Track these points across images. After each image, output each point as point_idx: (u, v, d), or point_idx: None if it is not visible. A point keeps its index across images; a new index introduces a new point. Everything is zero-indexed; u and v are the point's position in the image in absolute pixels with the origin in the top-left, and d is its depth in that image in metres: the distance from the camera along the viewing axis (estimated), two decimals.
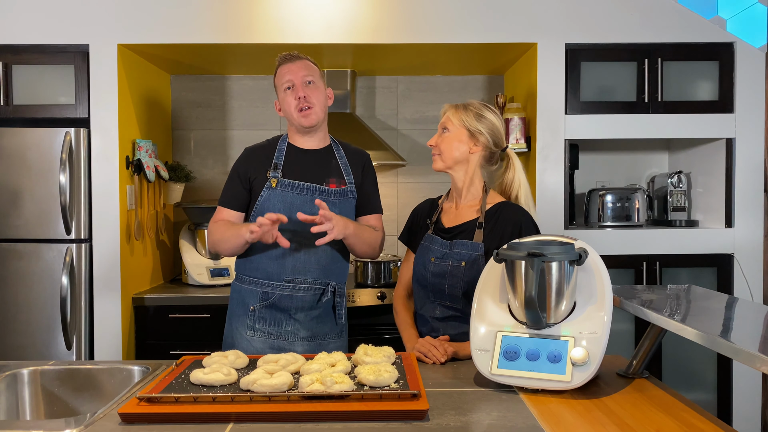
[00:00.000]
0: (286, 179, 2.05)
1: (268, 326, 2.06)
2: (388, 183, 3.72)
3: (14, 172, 2.82)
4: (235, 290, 2.14)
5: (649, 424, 1.29)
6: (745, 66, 2.94)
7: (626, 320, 2.93)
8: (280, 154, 2.10)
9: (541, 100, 2.95)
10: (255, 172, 2.08)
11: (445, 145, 1.90)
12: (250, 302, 2.07)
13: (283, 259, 2.03)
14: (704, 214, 3.19)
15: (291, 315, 2.06)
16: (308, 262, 2.05)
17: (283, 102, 2.09)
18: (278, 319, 2.06)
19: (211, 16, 2.88)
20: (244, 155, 2.15)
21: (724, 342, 1.20)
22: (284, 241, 1.90)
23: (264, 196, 2.05)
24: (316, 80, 2.08)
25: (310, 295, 2.06)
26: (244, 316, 2.07)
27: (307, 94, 2.04)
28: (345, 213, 2.08)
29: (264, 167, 2.08)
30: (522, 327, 1.53)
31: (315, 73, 2.10)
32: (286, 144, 2.13)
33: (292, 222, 1.96)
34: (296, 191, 2.05)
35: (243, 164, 2.12)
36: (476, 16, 2.92)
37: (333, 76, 3.53)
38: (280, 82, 2.09)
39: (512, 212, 1.89)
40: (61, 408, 1.68)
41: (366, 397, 1.34)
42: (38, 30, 2.87)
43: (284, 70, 2.09)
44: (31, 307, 2.83)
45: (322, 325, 2.10)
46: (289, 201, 2.03)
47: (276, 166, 2.07)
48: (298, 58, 2.11)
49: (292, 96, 2.05)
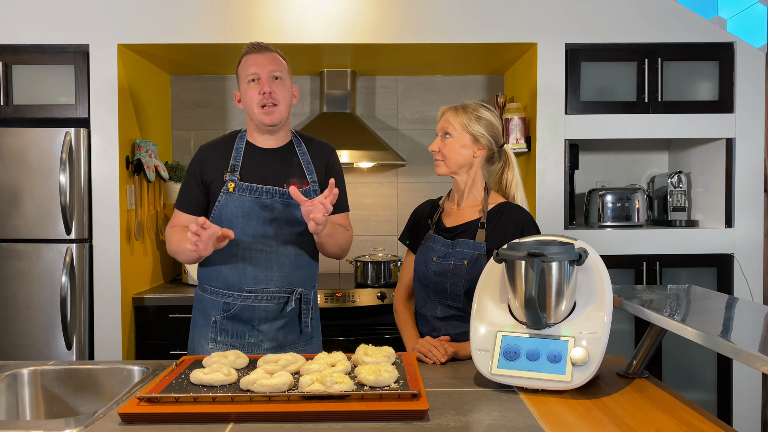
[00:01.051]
0: (244, 183, 1.92)
1: (229, 338, 1.94)
2: (388, 183, 3.72)
3: (14, 172, 2.82)
4: (198, 299, 2.03)
5: (649, 424, 1.29)
6: (745, 66, 2.94)
7: (626, 320, 2.93)
8: (237, 154, 1.97)
9: (541, 100, 2.95)
10: (211, 174, 1.95)
11: (448, 151, 1.89)
12: (211, 313, 1.96)
13: (243, 268, 1.92)
14: (704, 214, 3.19)
15: (254, 326, 1.94)
16: (270, 270, 1.93)
17: (245, 95, 1.94)
18: (240, 330, 1.94)
19: (211, 16, 2.88)
20: (199, 154, 2.00)
21: (724, 342, 1.20)
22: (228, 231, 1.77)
23: (221, 202, 1.93)
24: (283, 76, 1.94)
25: (274, 305, 1.95)
26: (205, 327, 1.97)
27: (273, 89, 1.90)
28: None
29: (220, 168, 1.95)
30: (522, 327, 1.53)
31: (283, 68, 1.96)
32: (244, 142, 2.00)
33: (252, 227, 1.90)
34: (255, 195, 1.92)
35: (198, 165, 1.98)
36: (476, 16, 2.92)
37: (333, 76, 3.53)
38: (245, 73, 1.94)
39: (514, 212, 1.90)
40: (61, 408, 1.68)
41: (366, 397, 1.34)
42: (38, 30, 2.87)
43: (250, 60, 1.93)
44: (31, 307, 2.83)
45: (288, 334, 1.98)
46: (248, 206, 1.92)
47: (233, 168, 1.94)
48: (267, 50, 1.95)
49: (255, 89, 1.91)
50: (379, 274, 3.18)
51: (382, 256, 3.26)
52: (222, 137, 2.05)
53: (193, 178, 1.98)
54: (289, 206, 1.94)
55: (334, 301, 2.99)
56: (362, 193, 3.71)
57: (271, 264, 1.93)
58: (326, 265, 3.69)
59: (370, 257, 3.25)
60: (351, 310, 2.99)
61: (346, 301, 2.99)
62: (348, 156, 3.30)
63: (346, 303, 2.99)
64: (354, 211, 3.71)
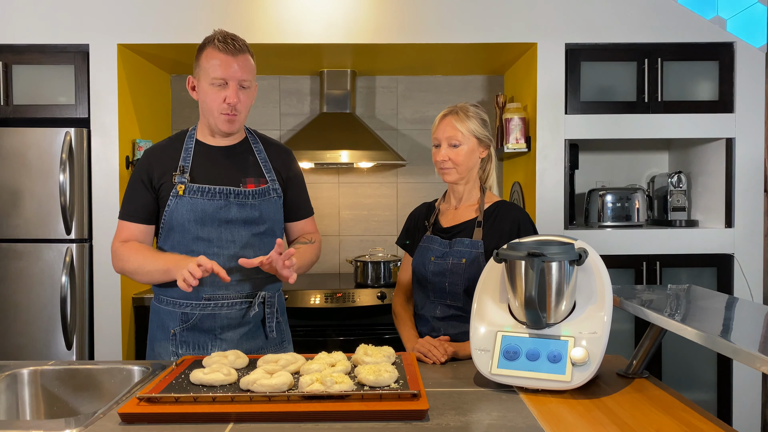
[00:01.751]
0: (194, 184, 1.80)
1: (191, 350, 1.82)
2: (388, 183, 3.72)
3: (14, 172, 2.82)
4: (154, 311, 1.90)
5: (649, 424, 1.29)
6: (745, 66, 2.94)
7: (626, 320, 2.93)
8: (187, 155, 1.83)
9: (541, 100, 2.95)
10: (160, 177, 1.81)
11: (461, 159, 1.89)
12: (170, 325, 1.83)
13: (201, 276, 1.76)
14: (704, 214, 3.19)
15: (216, 335, 1.82)
16: (229, 275, 1.76)
17: (206, 94, 1.78)
18: (202, 341, 1.82)
19: (211, 16, 2.88)
20: (146, 158, 1.86)
21: (724, 342, 1.20)
22: (224, 275, 1.63)
23: (171, 206, 1.79)
24: (251, 82, 1.81)
25: (236, 311, 1.83)
26: (165, 341, 1.84)
27: (240, 99, 1.78)
28: (268, 215, 1.87)
29: (169, 170, 1.81)
30: (522, 327, 1.53)
31: (252, 73, 1.81)
32: (193, 141, 1.86)
33: (206, 232, 1.79)
34: (207, 197, 1.80)
35: (145, 168, 1.83)
36: (476, 16, 2.92)
37: (333, 76, 3.53)
38: (210, 72, 1.76)
39: (510, 210, 1.91)
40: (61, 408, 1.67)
41: (366, 397, 1.34)
42: (38, 30, 2.87)
43: (219, 60, 1.75)
44: (31, 307, 2.83)
45: (254, 341, 1.87)
46: (200, 209, 1.79)
47: (182, 170, 1.81)
48: (240, 52, 1.77)
49: (220, 95, 1.76)
50: (379, 274, 3.18)
51: (382, 256, 3.26)
52: (168, 138, 1.91)
53: (140, 183, 1.82)
54: (244, 207, 1.82)
55: (334, 301, 2.99)
56: (362, 193, 3.71)
57: (230, 269, 1.78)
58: (326, 265, 3.70)
59: (370, 257, 3.25)
60: (351, 310, 2.99)
61: (346, 301, 2.99)
62: (348, 156, 3.30)
63: (346, 303, 2.99)
64: (354, 211, 3.72)
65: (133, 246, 1.81)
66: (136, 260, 1.78)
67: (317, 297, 2.99)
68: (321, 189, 3.68)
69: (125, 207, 1.85)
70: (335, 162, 3.31)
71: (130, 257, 1.78)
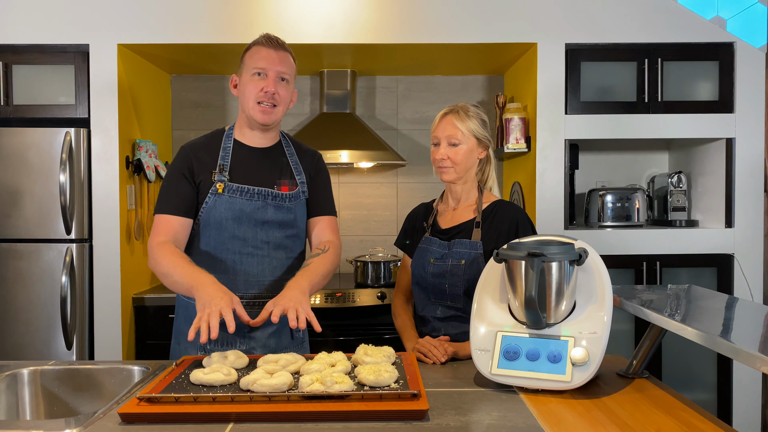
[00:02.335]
0: (234, 183, 1.82)
1: (220, 347, 1.81)
2: (388, 183, 3.72)
3: (14, 172, 2.82)
4: (182, 306, 1.90)
5: (649, 424, 1.29)
6: (745, 66, 2.94)
7: (626, 320, 2.93)
8: (225, 154, 1.86)
9: (541, 100, 2.95)
10: (199, 173, 1.83)
11: (460, 158, 1.89)
12: None
13: (234, 274, 1.82)
14: (704, 214, 3.19)
15: (245, 334, 1.83)
16: (261, 275, 1.84)
17: (245, 85, 1.83)
18: (231, 339, 1.81)
19: (211, 16, 2.88)
20: (185, 154, 1.86)
21: (724, 342, 1.20)
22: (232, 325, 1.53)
23: (209, 203, 1.81)
24: (290, 79, 1.86)
25: None
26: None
27: (277, 90, 1.81)
28: (300, 218, 1.91)
29: (209, 168, 1.84)
30: (522, 327, 1.53)
31: (292, 71, 1.87)
32: (232, 141, 1.90)
33: (242, 229, 1.82)
34: (246, 197, 1.82)
35: (185, 162, 1.84)
36: (476, 16, 2.92)
37: (333, 76, 3.53)
38: (252, 64, 1.82)
39: (508, 210, 1.91)
40: (61, 408, 1.67)
41: (366, 397, 1.34)
42: (38, 30, 2.87)
43: (262, 53, 1.82)
44: (31, 307, 2.83)
45: (278, 339, 1.89)
46: (238, 208, 1.82)
47: (222, 168, 1.83)
48: (282, 48, 1.84)
49: (258, 84, 1.81)
50: (379, 274, 3.18)
51: (382, 256, 3.26)
52: (205, 136, 1.93)
53: (181, 177, 1.82)
54: (280, 209, 1.86)
55: (334, 301, 2.99)
56: (362, 193, 3.72)
57: (263, 268, 1.84)
58: None
59: (370, 257, 3.25)
60: (351, 310, 2.99)
61: (346, 301, 2.99)
62: (348, 156, 3.30)
63: (346, 303, 2.99)
64: (354, 211, 3.71)
65: (168, 249, 1.74)
66: (166, 265, 1.71)
67: (317, 297, 2.99)
68: None
69: (165, 201, 1.81)
70: (335, 162, 3.31)
71: (162, 260, 1.72)
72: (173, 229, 1.80)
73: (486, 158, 2.00)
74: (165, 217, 1.80)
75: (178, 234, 1.80)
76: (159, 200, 1.83)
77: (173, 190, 1.82)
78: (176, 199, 1.81)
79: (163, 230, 1.79)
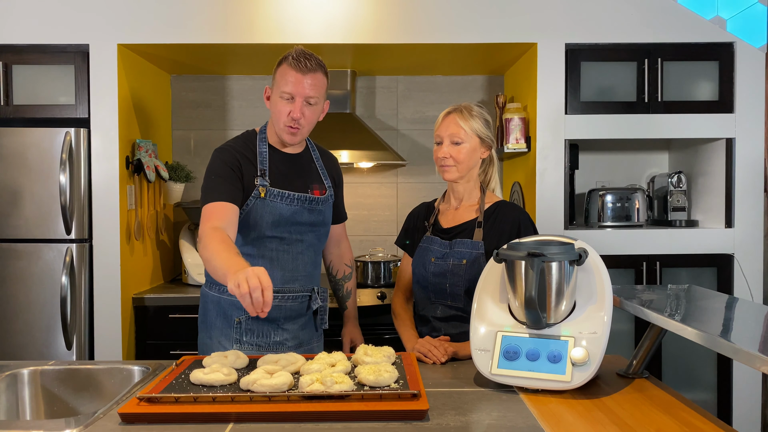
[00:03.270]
0: (274, 188, 1.91)
1: (255, 338, 1.95)
2: (388, 183, 3.72)
3: (14, 172, 2.82)
4: (213, 301, 1.98)
5: (649, 424, 1.29)
6: (745, 66, 2.94)
7: (626, 320, 2.93)
8: (263, 159, 1.94)
9: (541, 100, 2.95)
10: (245, 175, 1.90)
11: (463, 156, 1.89)
12: (233, 314, 1.94)
13: (272, 270, 1.86)
14: (704, 214, 3.19)
15: (279, 325, 1.96)
16: (296, 270, 1.97)
17: (275, 105, 1.91)
18: (266, 330, 1.95)
19: (211, 16, 2.88)
20: (230, 153, 1.91)
21: (724, 342, 1.20)
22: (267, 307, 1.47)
23: (251, 205, 1.89)
24: (319, 99, 1.90)
25: (298, 304, 1.99)
26: (227, 328, 1.94)
27: (304, 114, 1.87)
28: (328, 219, 2.07)
29: (249, 171, 1.91)
30: (522, 327, 1.53)
31: (321, 90, 1.90)
32: (267, 146, 1.96)
33: (279, 229, 1.92)
34: (286, 201, 1.92)
35: (234, 161, 1.89)
36: (476, 16, 2.92)
37: (333, 76, 3.50)
38: (282, 86, 1.88)
39: (510, 210, 1.91)
40: (61, 408, 1.68)
41: (366, 397, 1.34)
42: (38, 30, 2.87)
43: (291, 77, 1.86)
44: (31, 307, 2.83)
45: (306, 331, 2.04)
46: (278, 212, 1.91)
47: (264, 174, 1.91)
48: (311, 71, 1.86)
49: (286, 107, 1.87)
50: (378, 274, 3.18)
51: (382, 256, 3.26)
52: (239, 139, 1.98)
53: (231, 171, 1.86)
54: (313, 212, 1.97)
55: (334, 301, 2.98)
56: (362, 193, 3.72)
57: (297, 265, 1.97)
58: None
59: (370, 257, 3.25)
60: None
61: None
62: (348, 156, 3.30)
63: None
64: (354, 211, 3.72)
65: (219, 236, 1.68)
66: (212, 249, 1.65)
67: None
68: None
69: (217, 190, 1.81)
70: None
71: (210, 244, 1.67)
72: (227, 215, 1.79)
73: (489, 159, 2.00)
74: (219, 204, 1.80)
75: (231, 221, 1.80)
76: (208, 191, 1.83)
77: (225, 181, 1.84)
78: (230, 189, 1.83)
79: (216, 216, 1.77)
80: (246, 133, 2.02)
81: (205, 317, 2.02)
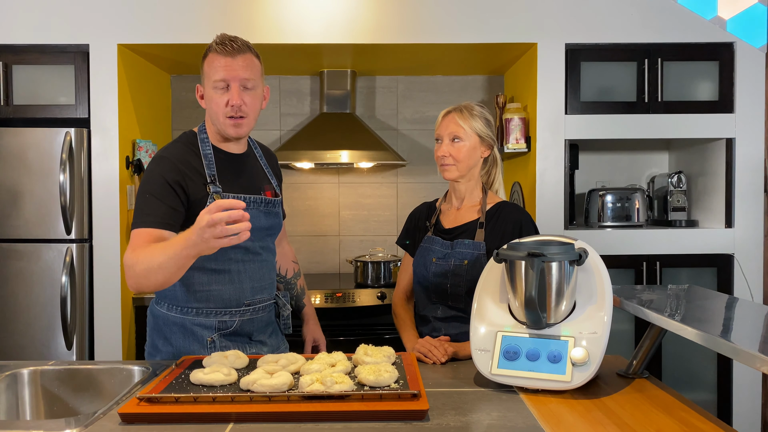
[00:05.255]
0: (228, 194, 1.73)
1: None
2: (388, 183, 3.72)
3: (14, 172, 2.82)
4: (174, 322, 1.78)
5: (649, 424, 1.29)
6: (745, 66, 2.94)
7: (626, 320, 2.93)
8: (209, 162, 1.75)
9: (541, 100, 2.95)
10: (191, 185, 1.70)
11: (461, 155, 1.89)
12: (203, 334, 1.77)
13: (240, 283, 1.77)
14: (704, 214, 3.19)
15: (252, 338, 1.83)
16: (263, 280, 1.83)
17: (211, 100, 1.72)
18: (240, 344, 1.80)
19: (211, 16, 2.88)
20: (171, 163, 1.70)
21: (724, 342, 1.20)
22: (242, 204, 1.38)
23: None
24: (256, 83, 1.74)
25: (267, 313, 1.87)
26: (202, 350, 1.76)
27: (244, 101, 1.70)
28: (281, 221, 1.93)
29: (196, 180, 1.71)
30: (522, 327, 1.53)
31: (256, 72, 1.74)
32: (210, 148, 1.77)
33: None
34: None
35: (174, 174, 1.68)
36: (476, 16, 2.92)
37: (333, 76, 3.53)
38: (212, 75, 1.71)
39: (512, 211, 1.91)
40: (61, 408, 1.68)
41: (366, 397, 1.34)
42: (38, 30, 2.87)
43: (220, 62, 1.70)
44: (31, 307, 2.83)
45: (273, 338, 1.92)
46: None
47: (213, 179, 1.72)
48: (240, 52, 1.71)
49: (223, 98, 1.70)
50: (379, 274, 3.18)
51: (382, 256, 3.26)
52: (179, 143, 1.78)
53: (169, 188, 1.66)
54: (269, 215, 1.84)
55: (334, 301, 2.99)
56: (362, 193, 3.72)
57: (263, 274, 1.84)
58: (326, 265, 3.70)
59: (370, 257, 3.25)
60: (351, 310, 2.99)
61: (346, 301, 2.99)
62: (348, 156, 3.30)
63: (346, 303, 2.99)
64: (354, 211, 3.72)
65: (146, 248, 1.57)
66: (144, 257, 1.53)
67: (317, 297, 2.99)
68: (321, 189, 3.67)
69: (149, 213, 1.63)
70: (335, 162, 3.31)
71: (138, 257, 1.55)
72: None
73: (492, 160, 1.99)
74: (148, 231, 1.61)
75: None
76: (139, 213, 1.65)
77: (160, 201, 1.65)
78: (165, 212, 1.64)
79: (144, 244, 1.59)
80: (185, 136, 1.81)
81: (168, 339, 1.79)
